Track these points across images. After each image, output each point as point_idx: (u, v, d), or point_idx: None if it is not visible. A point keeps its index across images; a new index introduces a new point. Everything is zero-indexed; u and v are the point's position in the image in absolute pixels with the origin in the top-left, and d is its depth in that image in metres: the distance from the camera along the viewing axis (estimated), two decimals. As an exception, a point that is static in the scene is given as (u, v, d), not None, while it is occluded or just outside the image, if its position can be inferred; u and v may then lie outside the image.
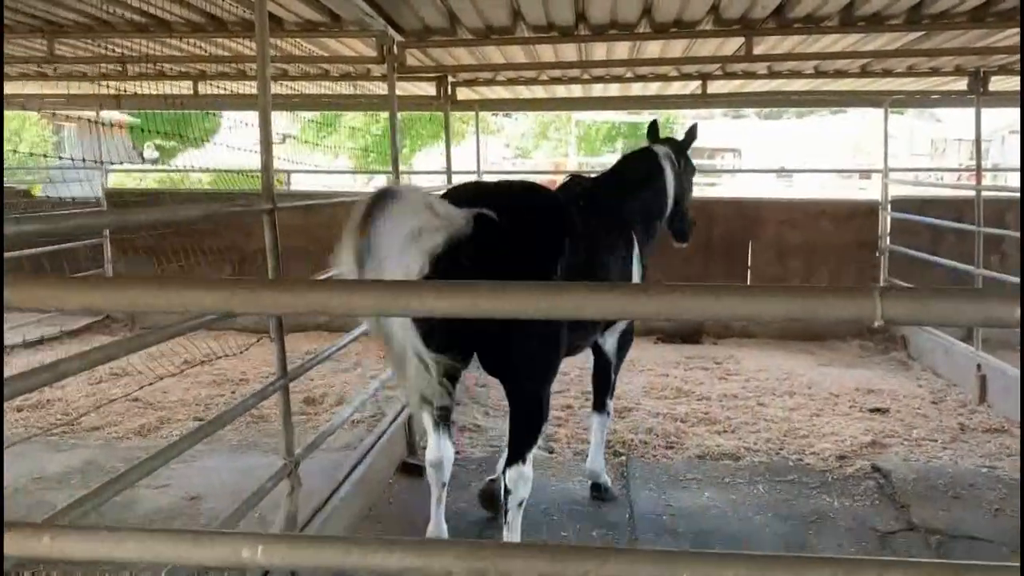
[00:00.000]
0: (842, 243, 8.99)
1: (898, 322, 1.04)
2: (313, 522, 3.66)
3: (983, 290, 1.02)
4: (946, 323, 1.07)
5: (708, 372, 7.68)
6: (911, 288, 1.01)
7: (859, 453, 5.46)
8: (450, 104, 7.38)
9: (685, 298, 1.06)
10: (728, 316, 1.05)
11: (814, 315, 1.06)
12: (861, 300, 1.05)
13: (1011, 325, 1.04)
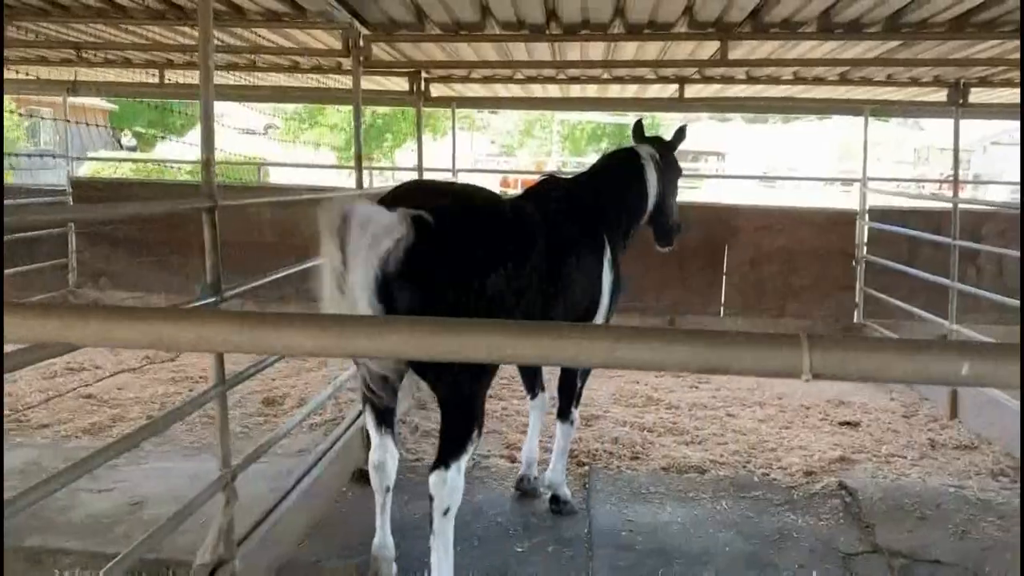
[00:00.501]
0: (819, 251, 8.90)
1: (829, 377, 0.90)
2: (253, 535, 3.49)
3: (928, 344, 0.88)
4: (885, 379, 0.93)
5: (678, 380, 7.56)
6: (845, 339, 0.87)
7: (827, 469, 5.35)
8: (423, 100, 7.22)
9: (588, 342, 0.92)
10: (634, 364, 0.90)
11: (733, 366, 0.92)
12: (787, 351, 0.90)
13: (956, 384, 0.91)
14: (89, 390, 6.46)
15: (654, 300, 8.99)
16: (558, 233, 3.94)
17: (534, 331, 0.94)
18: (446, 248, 3.10)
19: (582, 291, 4.14)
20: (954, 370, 0.88)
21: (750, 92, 7.68)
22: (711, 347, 0.91)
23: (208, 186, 3.04)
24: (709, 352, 0.91)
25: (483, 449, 5.59)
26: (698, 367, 0.91)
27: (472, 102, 8.82)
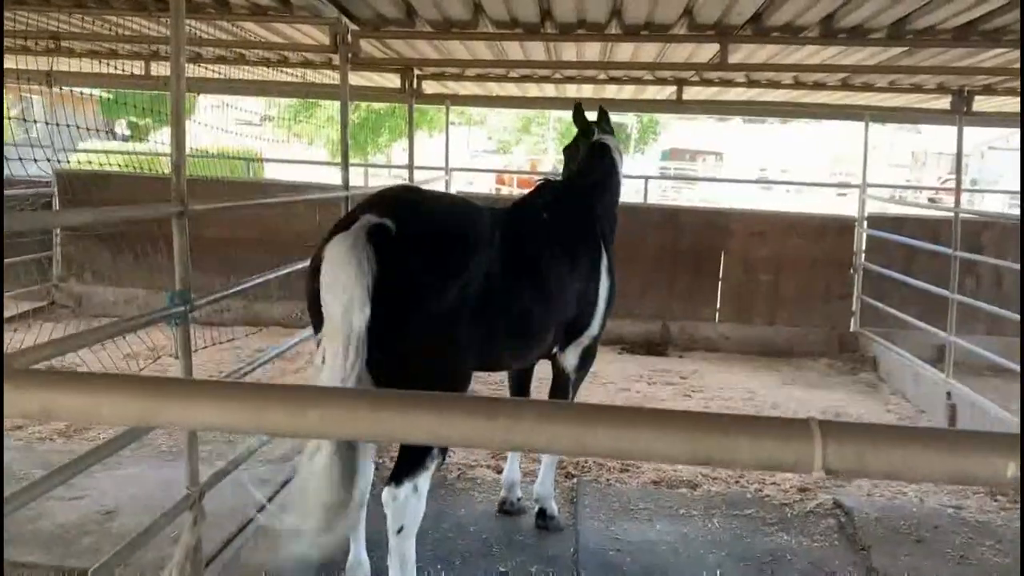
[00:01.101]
0: (814, 258, 8.76)
1: (846, 473, 0.75)
2: (223, 553, 3.34)
3: (967, 437, 0.73)
4: (914, 479, 0.78)
5: (672, 388, 7.42)
6: (865, 428, 0.72)
7: (822, 486, 5.20)
8: (415, 97, 7.06)
9: (559, 427, 0.77)
10: (609, 452, 0.75)
11: (727, 458, 0.76)
12: (796, 443, 0.75)
13: (999, 484, 0.76)
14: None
15: (645, 305, 8.85)
16: (545, 241, 3.80)
17: (465, 408, 0.79)
18: (402, 260, 2.97)
19: (574, 299, 3.99)
20: (998, 471, 0.73)
21: (749, 95, 7.53)
22: (705, 434, 0.75)
23: (178, 191, 2.88)
24: (701, 441, 0.76)
25: (469, 458, 5.44)
26: (688, 459, 0.76)
27: (466, 100, 8.66)
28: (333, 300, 2.84)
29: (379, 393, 0.82)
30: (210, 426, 0.82)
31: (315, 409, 0.78)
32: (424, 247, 3.06)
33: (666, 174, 36.35)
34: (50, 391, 0.81)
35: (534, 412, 0.77)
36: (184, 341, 3.06)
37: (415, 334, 3.01)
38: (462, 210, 3.52)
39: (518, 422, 0.77)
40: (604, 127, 4.74)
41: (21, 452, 5.19)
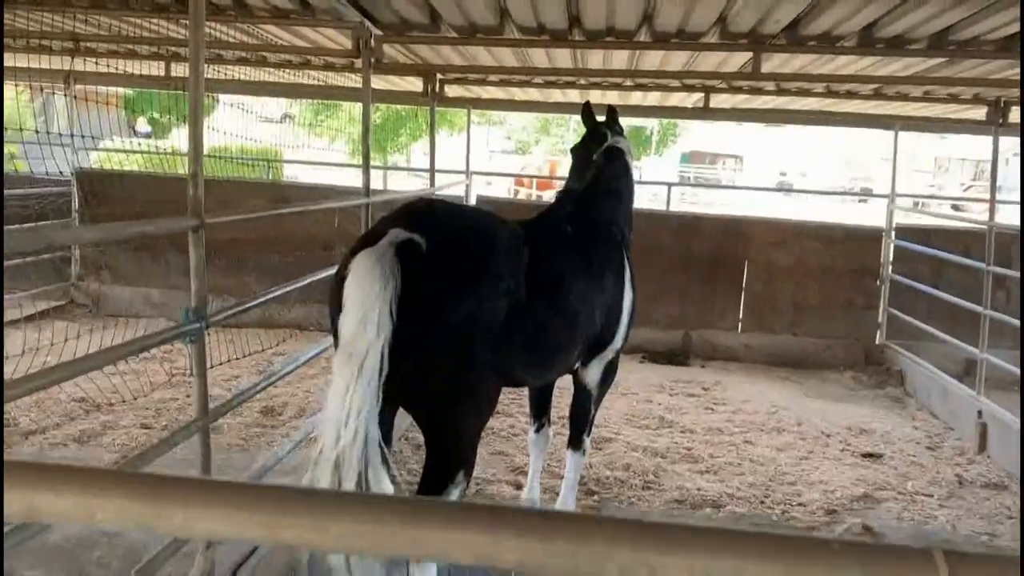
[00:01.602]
0: (838, 268, 8.59)
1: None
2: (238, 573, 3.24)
3: None
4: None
5: (694, 400, 7.28)
6: (997, 558, 0.60)
7: (849, 508, 5.07)
8: (437, 101, 6.95)
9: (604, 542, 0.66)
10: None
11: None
12: None
13: None
14: (82, 392, 6.21)
15: (666, 314, 8.71)
16: (570, 255, 3.68)
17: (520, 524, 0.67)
18: (427, 279, 2.87)
19: (599, 314, 3.87)
20: None
21: (778, 103, 7.38)
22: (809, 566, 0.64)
23: (195, 204, 2.78)
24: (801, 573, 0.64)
25: (487, 472, 5.33)
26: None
27: (488, 104, 8.54)
28: (348, 316, 2.74)
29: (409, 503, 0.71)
30: (219, 536, 0.70)
31: (337, 523, 0.67)
32: (455, 266, 2.96)
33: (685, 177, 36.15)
34: (37, 490, 0.70)
35: (611, 528, 0.66)
36: (200, 359, 2.96)
37: (439, 354, 2.90)
38: (493, 227, 3.39)
39: (583, 535, 0.65)
40: (615, 128, 4.57)
41: (34, 459, 5.11)
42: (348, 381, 2.67)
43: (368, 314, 2.68)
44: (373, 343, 2.68)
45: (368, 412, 2.68)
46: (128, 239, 8.54)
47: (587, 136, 4.59)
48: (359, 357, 2.67)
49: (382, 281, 2.71)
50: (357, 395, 2.66)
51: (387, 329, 2.69)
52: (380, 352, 2.69)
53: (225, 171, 11.76)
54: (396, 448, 5.53)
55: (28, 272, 8.87)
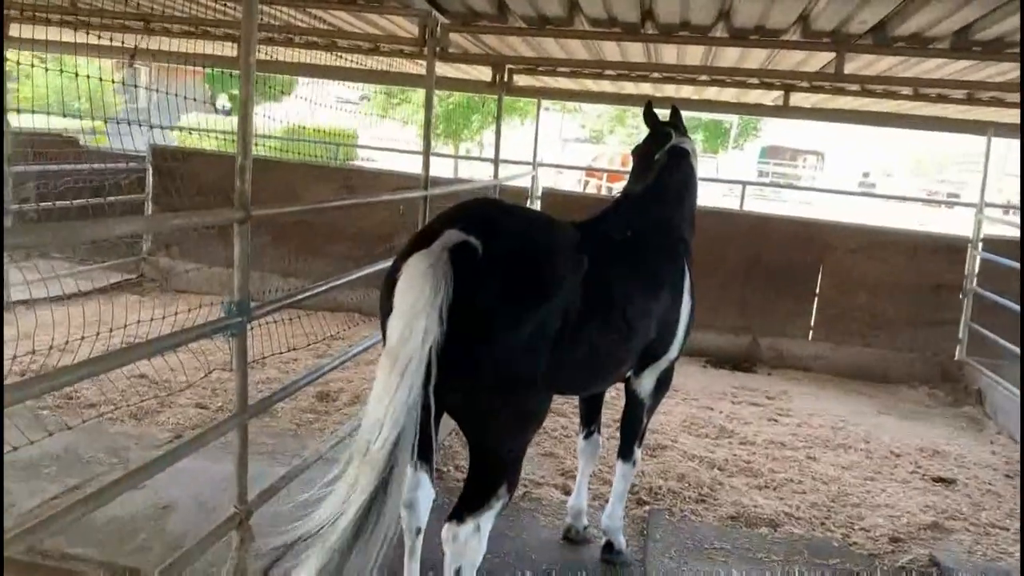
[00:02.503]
0: (918, 278, 8.18)
1: None
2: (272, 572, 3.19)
3: None
4: None
5: (757, 409, 7.02)
6: None
7: (916, 537, 4.79)
8: (506, 91, 6.82)
9: None
10: None
11: None
12: None
13: None
14: (143, 369, 6.30)
15: (733, 318, 8.45)
16: (627, 263, 3.52)
17: None
18: (482, 284, 2.75)
19: (655, 324, 3.70)
20: None
21: (861, 104, 7.03)
22: None
23: (242, 196, 2.71)
24: None
25: (536, 475, 5.21)
26: None
27: (558, 94, 8.36)
28: (396, 321, 2.64)
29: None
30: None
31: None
32: (511, 273, 2.83)
33: (764, 173, 35.30)
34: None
35: None
36: (241, 353, 2.90)
37: (489, 371, 2.79)
38: (551, 233, 3.26)
39: None
40: (679, 128, 4.35)
41: (90, 434, 5.19)
42: (389, 387, 2.59)
43: (415, 321, 2.59)
44: (418, 350, 2.58)
45: (405, 417, 2.60)
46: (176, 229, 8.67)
47: (649, 136, 4.38)
48: (403, 364, 2.58)
49: (433, 288, 2.61)
50: (397, 401, 2.58)
51: (434, 337, 2.59)
52: (425, 360, 2.59)
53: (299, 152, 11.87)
54: (446, 443, 5.46)
55: (105, 244, 9.11)
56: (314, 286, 3.57)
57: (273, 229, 8.90)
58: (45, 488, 4.38)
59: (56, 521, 2.26)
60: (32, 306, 7.45)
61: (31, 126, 8.51)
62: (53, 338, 6.20)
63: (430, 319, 2.59)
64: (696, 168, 4.27)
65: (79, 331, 6.02)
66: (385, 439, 2.57)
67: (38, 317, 6.29)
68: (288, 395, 3.53)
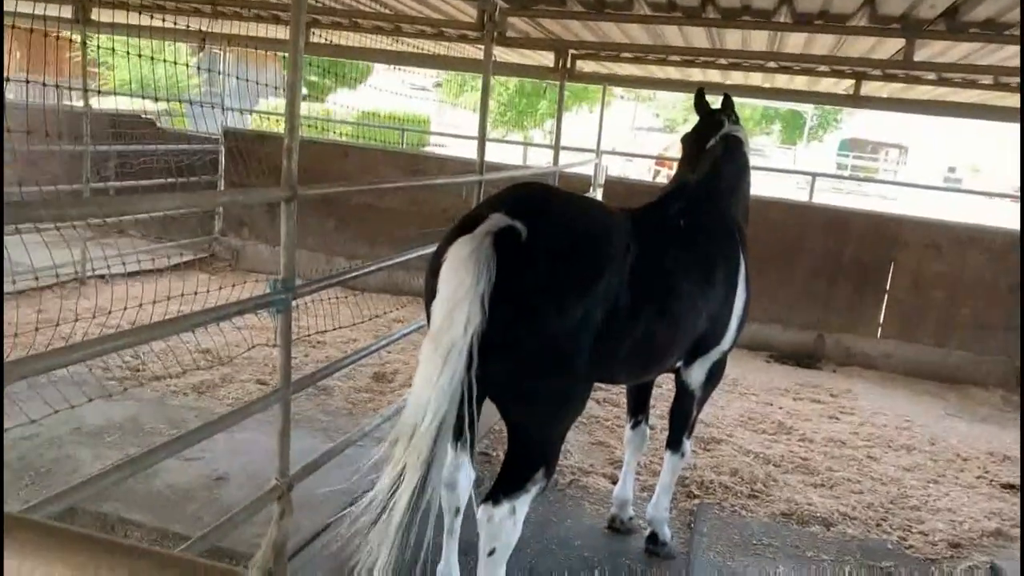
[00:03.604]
0: (997, 276, 7.83)
1: None
2: (310, 548, 3.25)
3: None
4: None
5: (819, 407, 6.85)
6: None
7: (977, 543, 4.62)
8: (568, 77, 6.77)
9: None
10: None
11: None
12: None
13: None
14: (208, 344, 6.48)
15: (799, 313, 8.24)
16: (679, 252, 3.45)
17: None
18: (526, 270, 2.73)
19: (705, 316, 3.63)
20: None
21: (938, 94, 6.75)
22: None
23: (288, 176, 2.76)
24: None
25: (585, 463, 5.19)
26: None
27: (622, 81, 8.26)
28: (439, 306, 2.66)
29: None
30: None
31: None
32: (555, 259, 2.80)
33: (843, 167, 34.32)
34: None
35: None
36: (286, 330, 2.96)
37: (533, 354, 2.78)
38: (599, 219, 3.21)
39: None
40: (731, 116, 4.27)
41: (153, 406, 5.37)
42: (432, 373, 2.61)
43: (458, 307, 2.60)
44: (460, 338, 2.59)
45: (448, 403, 2.62)
46: (222, 206, 8.86)
47: (700, 124, 4.33)
48: (444, 350, 2.59)
49: (475, 274, 2.61)
50: (440, 387, 2.60)
51: (476, 324, 2.60)
52: (468, 347, 2.60)
53: (371, 137, 12.02)
54: (496, 427, 5.46)
55: (179, 223, 9.40)
56: (362, 266, 3.61)
57: (339, 213, 9.05)
58: (106, 455, 4.55)
59: (104, 479, 2.33)
60: (110, 281, 7.75)
61: (112, 107, 8.82)
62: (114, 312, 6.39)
63: (472, 307, 2.59)
64: (749, 157, 4.19)
65: (150, 306, 6.25)
66: (429, 423, 2.60)
67: (111, 293, 6.52)
68: (333, 372, 3.57)
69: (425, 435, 2.62)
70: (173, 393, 5.67)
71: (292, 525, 3.19)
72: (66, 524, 0.65)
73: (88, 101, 8.26)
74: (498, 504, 2.90)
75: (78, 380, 5.15)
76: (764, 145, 35.17)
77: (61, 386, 4.92)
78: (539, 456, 2.95)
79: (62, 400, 4.81)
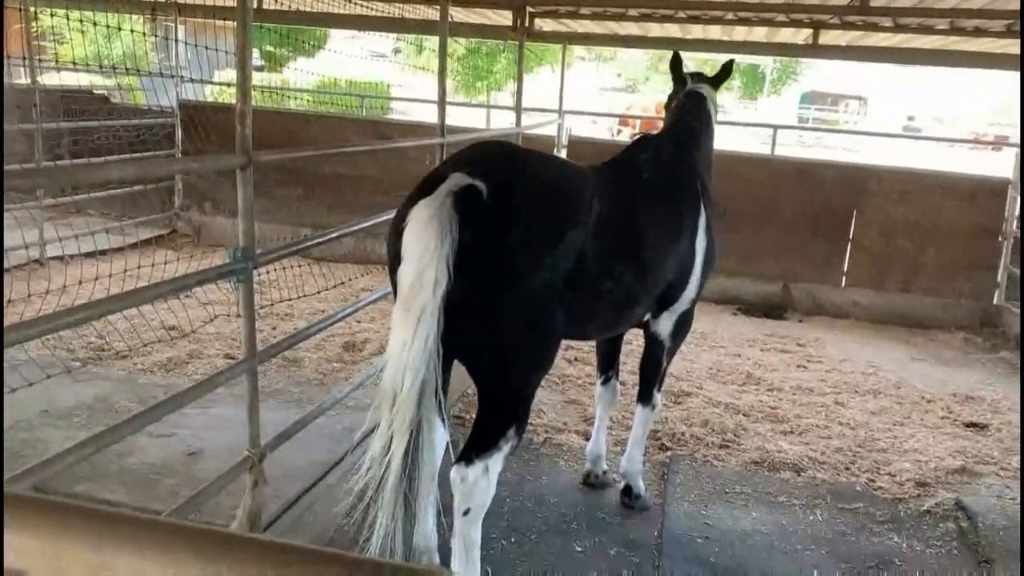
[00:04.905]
0: (960, 222, 7.96)
1: None
2: (283, 518, 3.24)
3: None
4: None
5: (786, 356, 6.94)
6: None
7: (943, 481, 4.72)
8: (527, 36, 6.70)
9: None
10: None
11: None
12: None
13: None
14: (173, 321, 6.39)
15: (767, 265, 8.32)
16: (644, 204, 3.47)
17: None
18: (491, 231, 2.72)
19: (672, 266, 3.66)
20: None
21: (896, 41, 6.77)
22: None
23: (243, 141, 2.70)
24: None
25: (558, 421, 5.22)
26: None
27: (583, 39, 8.19)
28: (406, 270, 2.64)
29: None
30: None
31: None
32: (520, 216, 2.79)
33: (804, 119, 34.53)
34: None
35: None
36: (248, 300, 2.92)
37: (501, 312, 2.78)
38: (562, 174, 3.21)
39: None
40: (702, 77, 4.43)
41: (121, 385, 5.30)
42: (406, 337, 2.61)
43: (425, 271, 2.59)
44: (430, 300, 2.59)
45: (426, 367, 2.64)
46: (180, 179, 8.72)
47: (674, 88, 4.50)
48: (416, 313, 2.59)
49: (439, 236, 2.60)
50: (415, 351, 2.62)
51: (444, 286, 2.59)
52: (438, 308, 2.60)
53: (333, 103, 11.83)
54: (471, 391, 5.47)
55: (139, 200, 9.22)
56: (322, 233, 3.57)
57: (306, 183, 8.94)
58: (76, 435, 4.47)
59: (70, 456, 2.30)
60: (67, 262, 7.61)
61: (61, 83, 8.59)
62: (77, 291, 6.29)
63: (439, 269, 2.59)
64: (712, 113, 4.22)
65: (113, 286, 6.14)
66: (410, 387, 2.62)
67: (71, 273, 6.41)
68: (300, 341, 3.55)
69: (408, 399, 2.64)
70: (141, 371, 5.60)
71: (267, 495, 3.19)
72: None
73: (36, 77, 8.05)
74: (471, 464, 2.91)
75: (42, 363, 5.07)
76: (725, 101, 35.22)
77: (25, 369, 4.83)
78: (511, 414, 2.96)
79: (23, 382, 4.73)
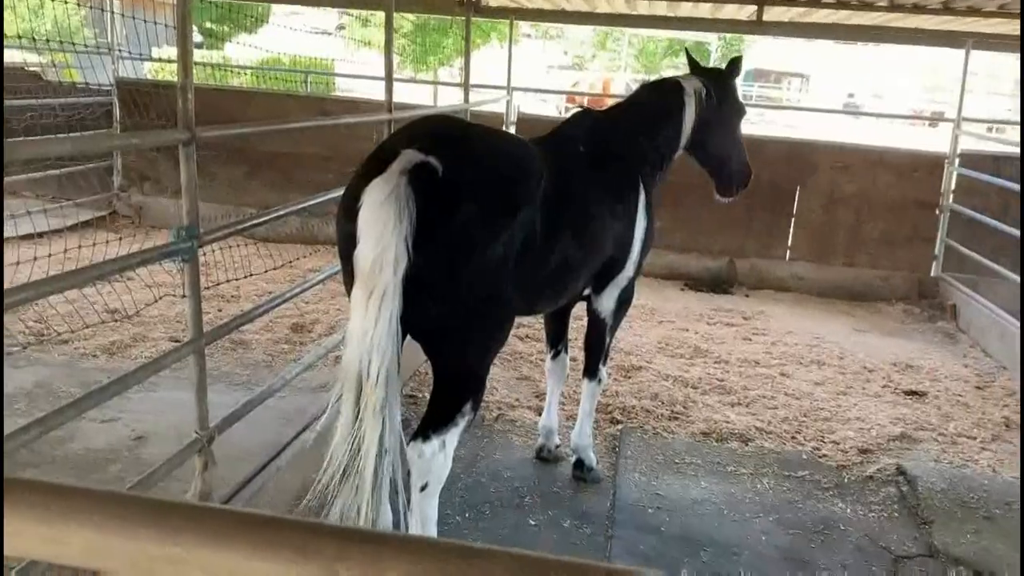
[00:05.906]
0: (901, 196, 8.15)
1: None
2: (233, 500, 3.21)
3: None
4: None
5: (733, 329, 7.06)
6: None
7: (885, 448, 4.86)
8: (475, 12, 6.65)
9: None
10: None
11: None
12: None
13: None
14: (115, 304, 6.25)
15: (712, 241, 8.42)
16: (584, 177, 3.51)
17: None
18: (446, 205, 2.71)
19: (611, 239, 3.70)
20: None
21: (838, 18, 6.88)
22: None
23: (185, 116, 2.64)
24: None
25: (511, 398, 5.25)
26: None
27: (531, 15, 8.16)
28: (364, 251, 2.62)
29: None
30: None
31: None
32: (475, 192, 2.78)
33: (748, 96, 34.92)
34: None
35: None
36: (194, 280, 2.86)
37: (458, 288, 2.79)
38: (512, 149, 3.22)
39: None
40: (709, 73, 4.52)
41: (63, 369, 5.18)
42: (369, 318, 2.61)
43: (385, 251, 2.57)
44: (391, 280, 2.58)
45: (390, 348, 2.64)
46: (120, 157, 8.50)
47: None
48: (379, 294, 2.58)
49: (396, 215, 2.58)
50: (379, 332, 2.61)
51: (404, 265, 2.58)
52: (399, 289, 2.59)
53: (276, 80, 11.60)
54: (423, 369, 5.46)
55: (76, 181, 8.95)
56: (266, 212, 3.51)
57: (250, 162, 8.77)
58: (16, 423, 4.36)
59: (11, 442, 2.25)
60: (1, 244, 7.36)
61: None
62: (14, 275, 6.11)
63: (399, 249, 2.58)
64: (687, 107, 4.20)
65: (52, 268, 5.96)
66: (377, 368, 2.61)
67: (7, 255, 6.21)
68: (247, 322, 3.49)
69: (379, 381, 2.63)
70: (83, 356, 5.47)
71: (217, 477, 3.15)
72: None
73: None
74: (428, 440, 2.91)
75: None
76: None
77: (-41, 355, 4.69)
78: (466, 389, 2.97)
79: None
